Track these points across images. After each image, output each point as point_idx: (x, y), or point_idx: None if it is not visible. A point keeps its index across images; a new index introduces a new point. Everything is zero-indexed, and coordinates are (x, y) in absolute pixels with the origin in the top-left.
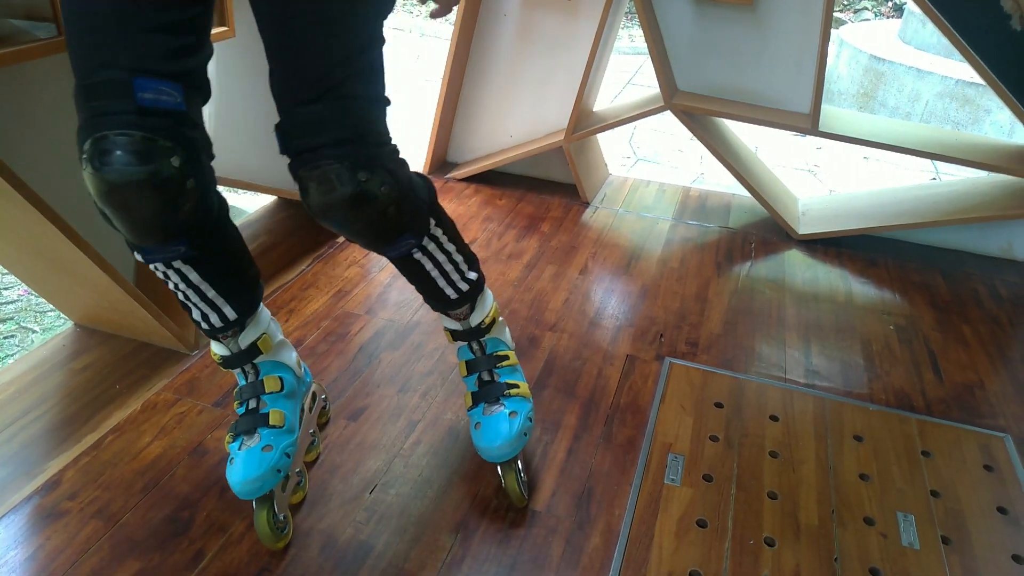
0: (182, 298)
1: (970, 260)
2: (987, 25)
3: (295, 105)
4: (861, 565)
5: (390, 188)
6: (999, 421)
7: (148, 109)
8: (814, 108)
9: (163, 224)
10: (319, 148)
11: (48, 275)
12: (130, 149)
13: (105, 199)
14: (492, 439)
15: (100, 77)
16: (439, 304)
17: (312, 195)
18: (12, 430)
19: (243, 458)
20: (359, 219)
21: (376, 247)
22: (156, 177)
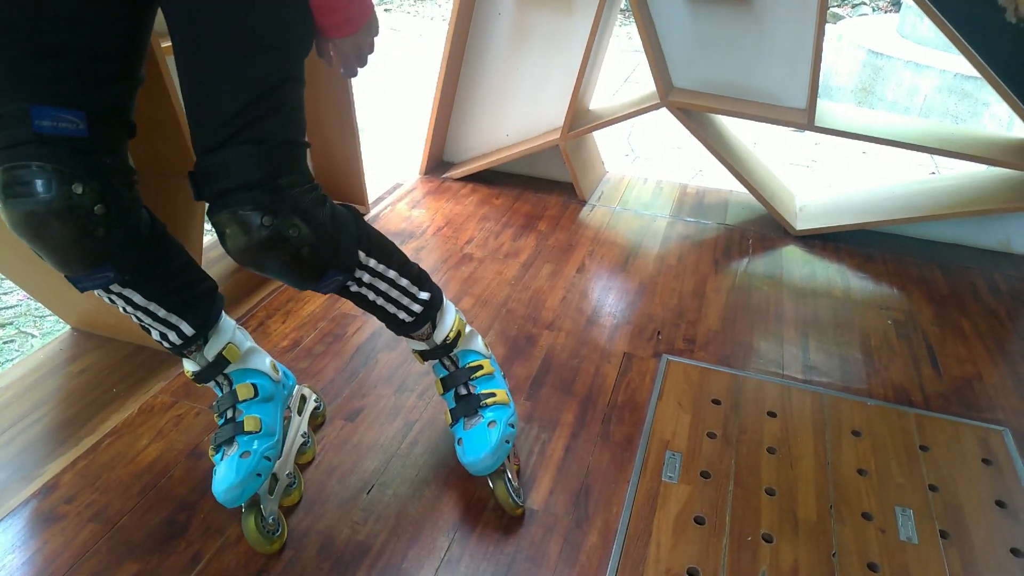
0: (136, 320)
1: (968, 254)
2: (982, 19)
3: (202, 152)
4: (860, 560)
5: (300, 230)
6: (998, 415)
7: (47, 137)
8: (810, 104)
9: (80, 252)
10: (226, 193)
11: (44, 279)
12: (28, 179)
13: (20, 230)
14: (475, 452)
15: (3, 108)
16: (398, 329)
17: (227, 240)
18: (10, 434)
19: (223, 467)
20: (274, 262)
21: (301, 287)
22: (58, 204)
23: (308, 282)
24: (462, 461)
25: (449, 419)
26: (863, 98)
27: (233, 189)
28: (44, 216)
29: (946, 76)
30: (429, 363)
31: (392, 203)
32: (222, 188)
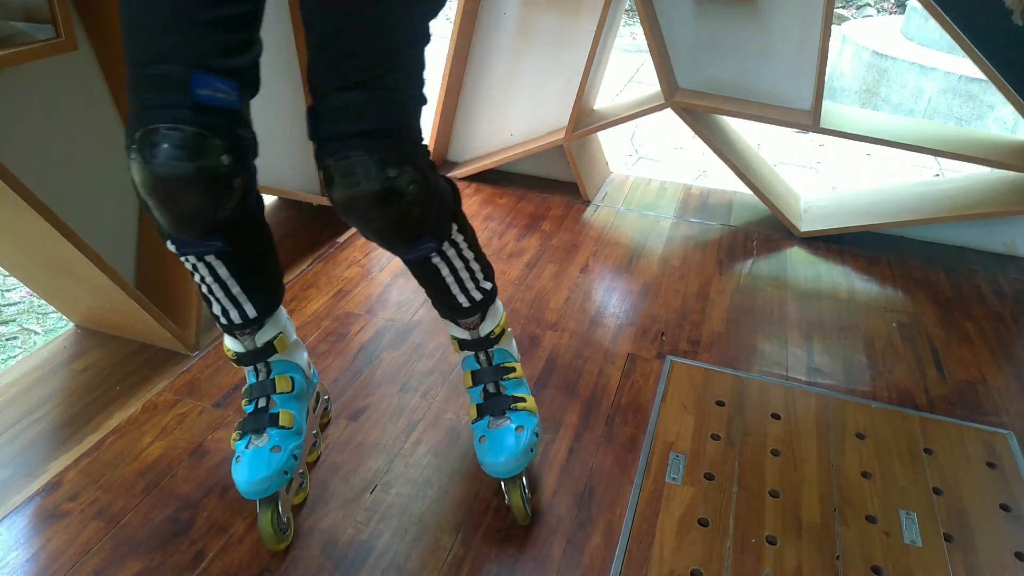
0: (205, 291)
1: (973, 257)
2: (988, 21)
3: (335, 89)
4: (863, 563)
5: (418, 188)
6: (1002, 418)
7: (203, 106)
8: (815, 105)
9: (204, 220)
10: (350, 137)
11: (48, 277)
12: (181, 144)
13: (150, 191)
14: (498, 454)
15: (157, 69)
16: (450, 312)
17: (336, 187)
18: (14, 431)
19: (251, 457)
20: (382, 217)
21: (394, 247)
22: (204, 174)
23: (403, 244)
24: (482, 459)
25: (474, 414)
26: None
27: (362, 134)
28: (186, 181)
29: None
30: (459, 354)
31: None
32: (351, 130)
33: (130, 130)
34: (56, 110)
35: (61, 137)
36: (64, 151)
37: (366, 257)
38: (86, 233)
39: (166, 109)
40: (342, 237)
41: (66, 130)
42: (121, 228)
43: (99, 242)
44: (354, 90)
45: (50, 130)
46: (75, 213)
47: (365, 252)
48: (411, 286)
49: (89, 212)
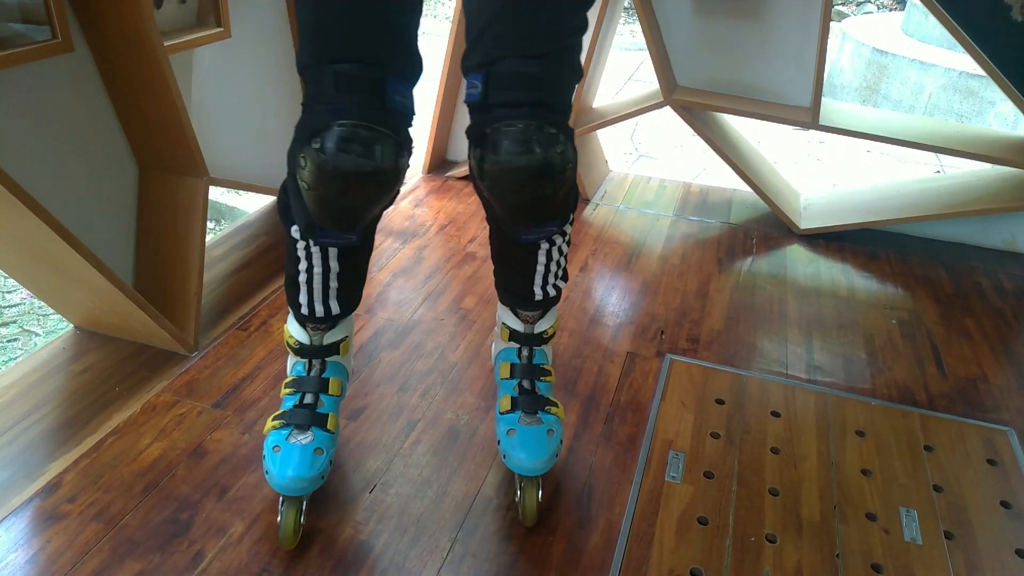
0: (304, 279)
1: (973, 253)
2: (987, 17)
3: (512, 57)
4: (863, 561)
5: (572, 168)
6: (1003, 415)
7: (392, 109)
8: (814, 102)
9: (366, 215)
10: (526, 106)
11: (47, 278)
12: (370, 143)
13: (326, 181)
14: (530, 452)
15: (356, 69)
16: (517, 301)
17: (501, 153)
18: (13, 433)
19: (296, 453)
20: (537, 189)
21: (526, 223)
22: (383, 173)
23: (538, 221)
24: (509, 451)
25: (506, 406)
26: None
27: (537, 103)
28: (367, 178)
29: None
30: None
31: (395, 202)
32: (527, 99)
33: (314, 121)
34: (53, 112)
35: (58, 139)
36: (61, 153)
37: None
38: (84, 235)
39: (363, 108)
40: None
41: (63, 132)
42: (119, 229)
43: (97, 244)
44: (534, 60)
45: (47, 132)
46: (72, 215)
47: None
48: (410, 286)
49: (87, 214)
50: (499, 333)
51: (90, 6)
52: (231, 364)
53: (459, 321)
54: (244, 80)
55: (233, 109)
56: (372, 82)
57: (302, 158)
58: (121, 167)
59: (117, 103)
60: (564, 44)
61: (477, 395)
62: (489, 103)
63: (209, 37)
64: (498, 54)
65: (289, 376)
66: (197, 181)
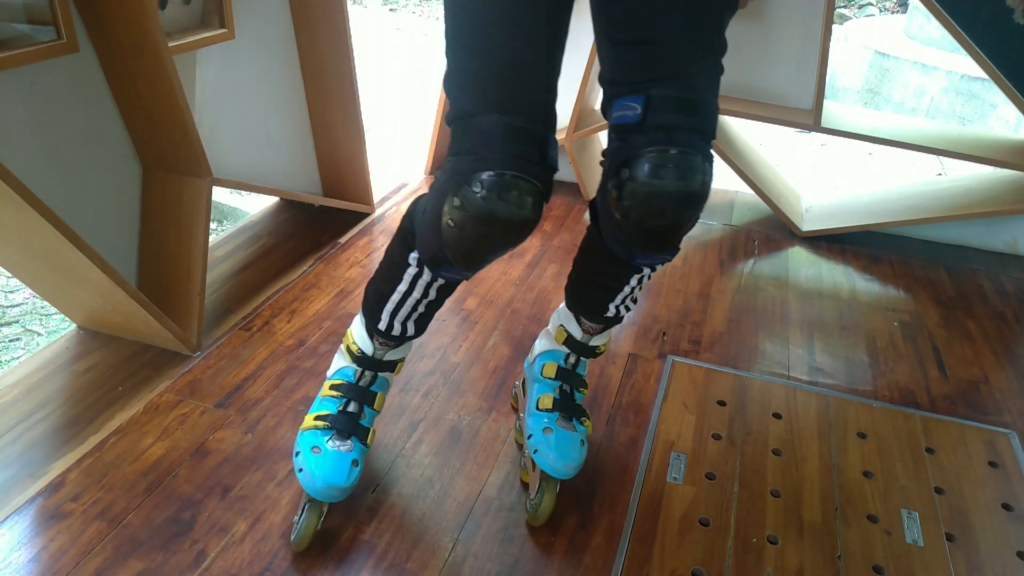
0: (397, 299)
1: (975, 256)
2: (989, 20)
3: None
4: (865, 563)
5: (707, 199)
6: (1004, 417)
7: (548, 165)
8: (816, 104)
9: (492, 258)
10: (686, 131)
11: (50, 278)
12: (528, 195)
13: (476, 225)
14: (565, 457)
15: (524, 123)
16: (587, 311)
17: (652, 176)
18: (16, 432)
19: (335, 460)
20: (679, 215)
21: (652, 248)
22: (528, 224)
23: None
24: (542, 448)
25: (548, 404)
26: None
27: (695, 130)
28: (515, 226)
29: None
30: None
31: (397, 203)
32: (688, 124)
33: (476, 165)
34: (57, 112)
35: (63, 139)
36: (66, 153)
37: (367, 258)
38: (87, 234)
39: (527, 161)
40: (344, 238)
41: (68, 132)
42: (123, 229)
43: (100, 243)
44: (694, 83)
45: (52, 132)
46: (76, 214)
47: (367, 253)
48: None
49: (91, 213)
50: (553, 334)
51: (95, 7)
52: (234, 364)
53: (461, 322)
54: (248, 81)
55: (237, 110)
56: (538, 137)
57: (456, 197)
58: (125, 167)
59: (121, 103)
60: (714, 71)
61: (479, 396)
62: (646, 125)
63: (213, 38)
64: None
65: (334, 377)
66: (201, 181)
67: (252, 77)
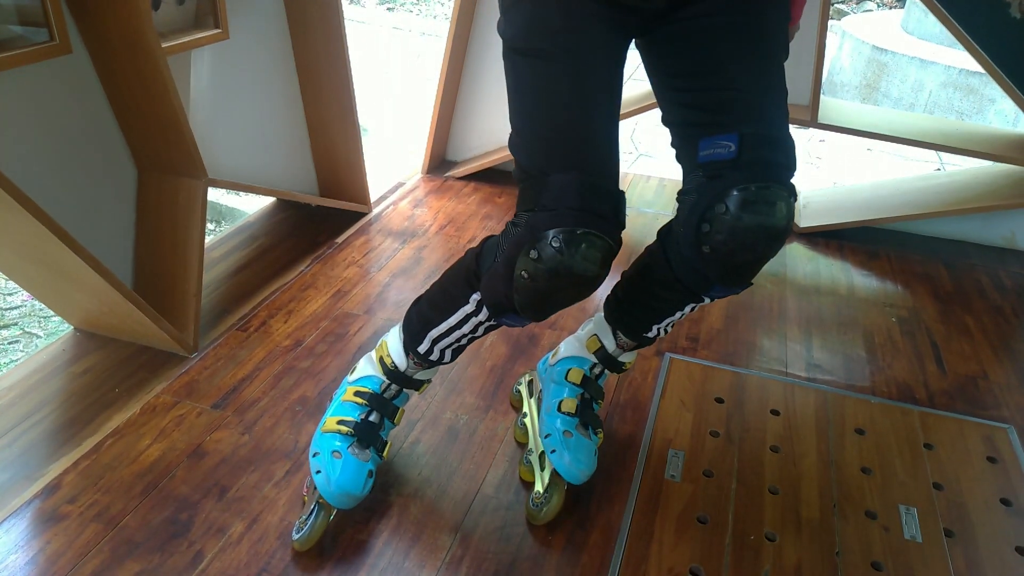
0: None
1: (973, 251)
2: (986, 14)
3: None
4: (863, 559)
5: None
6: (1003, 412)
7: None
8: (813, 100)
9: (559, 309)
10: (777, 168)
11: (46, 280)
12: (600, 251)
13: (551, 279)
14: (580, 463)
15: (596, 181)
16: (627, 329)
17: (750, 211)
18: (13, 434)
19: (355, 469)
20: (766, 250)
21: (734, 282)
22: (600, 280)
23: (744, 281)
24: (561, 450)
25: (571, 408)
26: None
27: (785, 167)
28: (587, 282)
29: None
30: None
31: (395, 202)
32: (781, 161)
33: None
34: (51, 114)
35: (57, 141)
36: (60, 155)
37: (364, 257)
38: (83, 237)
39: (598, 218)
40: (340, 238)
41: (62, 133)
42: (118, 231)
43: (96, 245)
44: (776, 121)
45: (46, 134)
46: (71, 217)
47: (363, 252)
48: (409, 286)
49: (86, 216)
50: (585, 341)
51: (88, 8)
52: (231, 365)
53: None
54: (242, 81)
55: (232, 110)
56: (614, 197)
57: (534, 250)
58: (120, 169)
59: (116, 105)
60: (786, 111)
61: (476, 395)
62: (740, 162)
63: (207, 38)
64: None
65: (358, 383)
66: (196, 182)
67: (247, 77)
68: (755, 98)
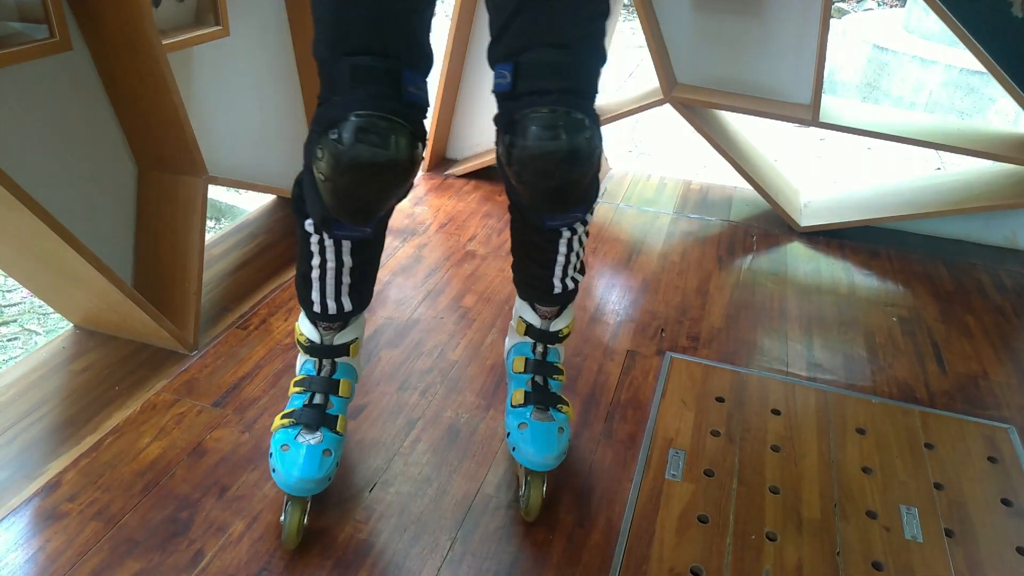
0: (316, 275)
1: (973, 250)
2: (988, 13)
3: (539, 46)
4: (864, 559)
5: (599, 153)
6: (1003, 412)
7: (409, 102)
8: (815, 99)
9: (377, 207)
10: (555, 93)
11: (46, 277)
12: (387, 134)
13: (344, 172)
14: (541, 448)
15: (373, 62)
16: (537, 293)
17: (529, 138)
18: (13, 432)
19: (305, 454)
20: (565, 174)
21: (554, 209)
22: (400, 164)
23: (566, 207)
24: (519, 445)
25: (519, 400)
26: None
27: (565, 91)
28: (383, 168)
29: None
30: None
31: None
32: (556, 87)
33: (331, 113)
34: (51, 110)
35: (56, 137)
36: (60, 151)
37: None
38: (82, 234)
39: (380, 99)
40: None
41: (61, 130)
42: (118, 228)
43: (96, 242)
44: (561, 49)
45: (45, 130)
46: (71, 214)
47: None
48: (410, 284)
49: (86, 212)
50: (515, 327)
51: (88, 4)
52: (231, 363)
53: (459, 320)
54: (243, 78)
55: (232, 107)
56: (389, 74)
57: (319, 149)
58: (120, 166)
59: (116, 102)
60: (589, 31)
61: (477, 394)
62: (518, 92)
63: (208, 35)
64: (525, 43)
65: (299, 374)
66: (196, 180)
67: (248, 74)
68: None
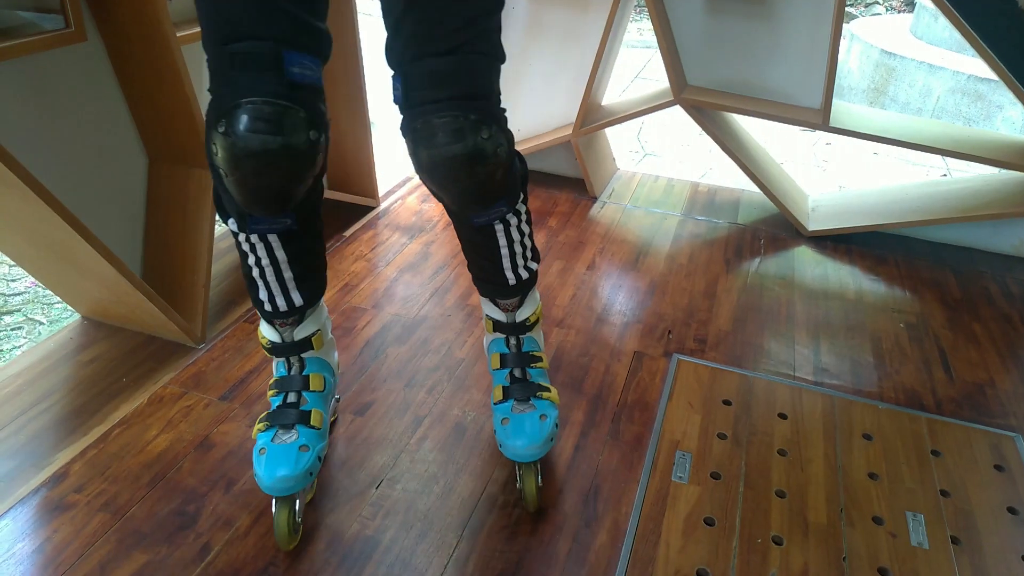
0: (257, 274)
1: (981, 258)
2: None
3: (424, 56)
4: (870, 565)
5: (504, 151)
6: (1010, 420)
7: (294, 83)
8: (825, 103)
9: (285, 195)
10: (445, 100)
11: (55, 267)
12: (274, 118)
13: (237, 164)
14: (521, 438)
15: (247, 47)
16: (493, 288)
17: (428, 147)
18: (20, 422)
19: (278, 453)
20: (471, 177)
21: (471, 208)
22: (293, 149)
23: (482, 205)
24: (503, 440)
25: (499, 396)
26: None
27: (455, 97)
28: (276, 155)
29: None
30: (488, 336)
31: (402, 196)
32: (445, 95)
33: (218, 105)
34: (65, 101)
35: (69, 128)
36: (72, 142)
37: (372, 252)
38: (93, 224)
39: (263, 84)
40: (348, 231)
41: (75, 121)
42: (128, 220)
43: (106, 233)
44: (445, 56)
45: (58, 121)
46: (82, 204)
47: (371, 247)
48: (417, 281)
49: (97, 203)
50: (486, 326)
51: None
52: (238, 356)
53: (466, 317)
54: None
55: None
56: (266, 57)
57: (213, 144)
58: (131, 157)
59: (129, 93)
60: (475, 33)
61: (484, 391)
62: (411, 102)
63: None
64: (411, 54)
65: (274, 378)
66: (207, 173)
67: None
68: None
